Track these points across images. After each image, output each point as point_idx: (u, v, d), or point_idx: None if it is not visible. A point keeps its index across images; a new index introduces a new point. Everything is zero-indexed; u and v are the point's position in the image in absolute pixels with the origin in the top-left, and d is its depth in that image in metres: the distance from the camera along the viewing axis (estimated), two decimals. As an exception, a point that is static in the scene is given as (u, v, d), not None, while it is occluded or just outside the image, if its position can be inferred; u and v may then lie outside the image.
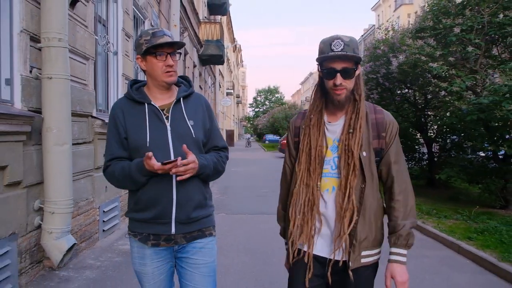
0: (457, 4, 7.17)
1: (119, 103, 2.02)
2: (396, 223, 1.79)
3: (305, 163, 1.85)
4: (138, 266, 2.00)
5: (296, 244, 1.83)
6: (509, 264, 4.32)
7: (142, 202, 1.93)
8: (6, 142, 3.30)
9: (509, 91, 5.85)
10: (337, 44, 1.72)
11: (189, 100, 2.03)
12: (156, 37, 1.88)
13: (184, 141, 1.90)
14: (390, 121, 1.86)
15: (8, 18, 3.48)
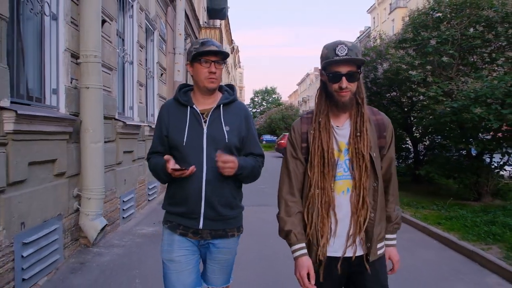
0: (434, 18, 8.02)
1: (167, 104, 2.24)
2: (391, 214, 1.97)
3: (318, 166, 1.89)
4: (165, 253, 2.14)
5: (317, 248, 1.88)
6: (467, 242, 5.17)
7: (175, 198, 2.12)
8: (55, 140, 4.11)
9: (476, 97, 6.69)
10: (341, 49, 1.79)
11: (230, 107, 2.17)
12: (204, 45, 2.05)
13: (217, 144, 2.06)
14: (388, 121, 2.00)
15: (55, 39, 4.29)
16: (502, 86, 6.55)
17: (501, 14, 7.35)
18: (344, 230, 1.88)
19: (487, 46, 7.59)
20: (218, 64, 2.07)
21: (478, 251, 4.81)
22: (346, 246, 1.87)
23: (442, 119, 7.33)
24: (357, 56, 1.80)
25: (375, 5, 55.10)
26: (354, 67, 1.81)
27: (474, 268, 4.57)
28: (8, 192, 3.26)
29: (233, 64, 60.54)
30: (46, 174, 3.93)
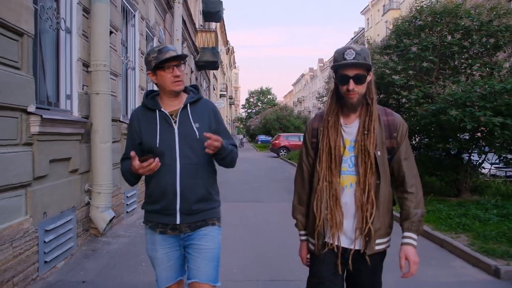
0: (416, 26, 8.58)
1: (136, 112, 2.32)
2: (409, 212, 1.99)
3: (326, 161, 2.00)
4: (150, 251, 2.26)
5: (324, 236, 2.01)
6: (439, 232, 5.73)
7: (152, 195, 2.20)
8: (70, 141, 4.62)
9: (453, 100, 7.25)
10: (349, 53, 1.90)
11: (197, 105, 2.25)
12: (162, 53, 2.11)
13: (188, 141, 2.15)
14: (401, 122, 2.05)
15: (69, 50, 4.81)
16: (477, 91, 7.12)
17: (476, 23, 7.92)
18: (349, 223, 1.99)
19: (464, 53, 8.17)
20: (180, 67, 2.16)
21: (448, 239, 5.37)
22: (353, 238, 1.98)
23: (423, 120, 7.90)
24: (365, 60, 1.91)
25: (369, 7, 55.65)
26: (361, 70, 1.92)
27: (443, 254, 5.13)
28: (33, 185, 3.78)
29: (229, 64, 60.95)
30: (63, 171, 4.45)
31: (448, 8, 8.20)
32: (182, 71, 2.18)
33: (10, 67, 3.38)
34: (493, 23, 7.81)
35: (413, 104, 8.24)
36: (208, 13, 22.28)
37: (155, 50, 2.15)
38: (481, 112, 6.98)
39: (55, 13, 4.54)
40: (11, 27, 3.36)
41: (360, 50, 1.91)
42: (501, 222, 6.04)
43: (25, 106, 3.59)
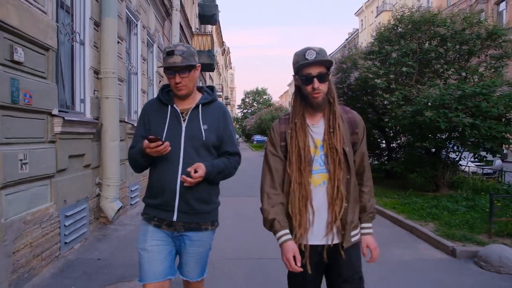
0: (397, 34, 9.29)
1: (150, 102, 2.35)
2: (366, 204, 2.11)
3: (296, 163, 2.02)
4: (140, 243, 2.25)
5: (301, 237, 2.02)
6: (411, 220, 6.43)
7: (153, 189, 2.23)
8: (84, 139, 5.28)
9: (428, 102, 7.95)
10: (310, 53, 1.93)
11: (209, 107, 2.27)
12: (167, 57, 2.13)
13: (195, 141, 2.17)
14: (360, 119, 2.14)
15: (83, 60, 5.47)
16: (450, 94, 7.82)
17: (451, 32, 8.63)
18: (321, 220, 2.01)
19: (440, 58, 8.88)
20: (183, 73, 2.14)
21: (417, 226, 6.06)
22: (325, 234, 2.01)
23: (402, 121, 8.60)
24: (327, 59, 1.97)
25: (363, 8, 56.39)
26: (323, 69, 1.98)
27: (411, 239, 5.83)
28: (56, 177, 4.43)
29: (224, 65, 61.57)
30: (78, 165, 5.11)
31: (425, 17, 8.91)
32: (186, 77, 2.16)
33: (40, 77, 4.04)
34: (465, 31, 8.53)
35: (394, 106, 8.94)
36: (204, 17, 22.89)
37: (165, 50, 2.17)
38: (454, 114, 7.68)
39: (71, 28, 5.20)
40: (40, 44, 4.02)
41: (319, 49, 1.97)
42: (467, 212, 6.75)
43: (50, 109, 4.25)
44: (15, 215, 3.59)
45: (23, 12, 3.66)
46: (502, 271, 4.37)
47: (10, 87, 3.46)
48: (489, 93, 7.59)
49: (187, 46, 2.19)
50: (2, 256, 3.37)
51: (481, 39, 8.50)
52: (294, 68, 2.02)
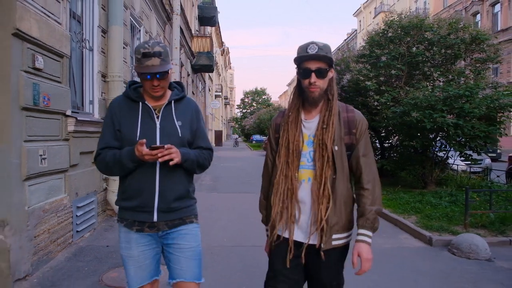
0: (386, 38, 9.77)
1: (117, 100, 2.23)
2: (364, 208, 1.98)
3: (284, 156, 2.01)
4: (124, 250, 2.17)
5: (276, 229, 2.01)
6: (395, 214, 6.91)
7: (128, 192, 2.13)
8: (92, 137, 5.74)
9: (415, 103, 8.43)
10: (312, 47, 1.92)
11: (180, 103, 2.23)
12: (144, 59, 1.99)
13: (170, 138, 2.10)
14: (360, 119, 2.05)
15: (92, 65, 5.94)
16: (435, 95, 8.30)
17: (437, 36, 9.11)
18: (305, 217, 1.99)
19: (427, 62, 9.36)
20: (162, 76, 2.05)
21: (400, 219, 6.55)
22: (307, 233, 1.98)
23: (390, 121, 9.08)
24: (327, 55, 1.94)
25: (361, 9, 56.91)
26: (323, 64, 1.95)
27: (394, 230, 6.31)
28: (69, 171, 4.91)
29: (224, 65, 61.98)
30: (88, 161, 5.58)
31: (413, 23, 9.39)
32: (164, 79, 2.09)
33: (56, 81, 4.51)
34: (450, 36, 9.01)
35: (384, 107, 9.42)
36: (203, 18, 23.39)
37: (140, 51, 2.02)
38: (438, 114, 8.16)
39: (81, 36, 5.68)
40: (56, 51, 4.49)
41: (323, 45, 1.96)
42: (448, 206, 7.23)
43: (65, 110, 4.72)
44: (36, 204, 4.07)
45: (42, 24, 4.13)
46: (471, 257, 4.86)
47: (32, 91, 3.93)
48: (471, 95, 8.07)
49: (162, 45, 2.08)
50: (25, 239, 3.85)
51: (465, 44, 8.99)
52: (295, 60, 2.01)
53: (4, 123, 3.61)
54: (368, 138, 2.08)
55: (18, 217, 3.73)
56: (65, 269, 4.25)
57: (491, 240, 5.39)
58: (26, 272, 3.85)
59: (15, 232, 3.68)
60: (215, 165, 17.57)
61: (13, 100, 3.66)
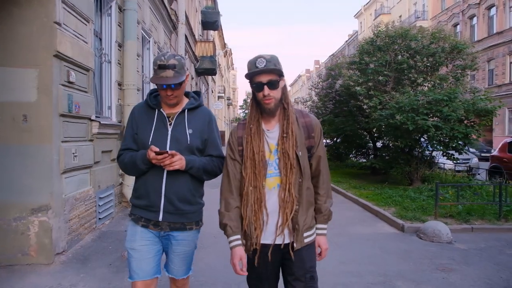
0: (375, 47, 10.62)
1: (137, 106, 2.42)
2: (321, 206, 2.17)
3: (251, 167, 2.08)
4: (129, 242, 2.34)
5: (253, 238, 2.08)
6: (377, 206, 7.76)
7: (139, 191, 2.33)
8: (111, 138, 6.63)
9: (399, 107, 9.27)
10: (260, 61, 2.01)
11: (195, 112, 2.35)
12: (160, 70, 2.16)
13: (179, 145, 2.25)
14: (316, 122, 2.18)
15: (110, 75, 6.83)
16: (418, 100, 9.14)
17: (420, 45, 9.95)
18: (273, 221, 2.09)
19: (411, 69, 10.21)
20: (175, 87, 2.21)
21: (381, 210, 7.40)
22: (276, 235, 2.08)
23: (378, 123, 9.94)
24: (275, 66, 2.01)
25: (362, 11, 57.57)
26: (273, 76, 2.03)
27: (374, 220, 7.17)
28: (93, 167, 5.79)
29: (226, 66, 62.77)
30: (107, 159, 6.47)
31: (399, 33, 10.24)
32: (178, 89, 2.24)
33: (83, 91, 5.39)
34: (432, 45, 9.85)
35: (372, 110, 10.27)
36: (206, 23, 24.23)
37: (156, 63, 2.19)
38: (420, 117, 9.00)
39: (101, 51, 6.57)
40: (84, 66, 5.37)
41: (270, 57, 2.04)
42: (426, 199, 8.08)
43: (90, 115, 5.61)
44: (70, 193, 4.96)
45: (74, 45, 5.01)
46: (434, 240, 5.71)
47: (68, 100, 4.82)
48: (449, 99, 8.91)
49: (178, 58, 2.24)
50: (62, 221, 4.74)
51: (445, 52, 9.83)
52: (246, 76, 2.08)
53: (48, 127, 4.49)
54: (323, 140, 2.25)
55: (57, 203, 4.62)
56: (92, 247, 5.14)
57: (456, 227, 6.26)
58: (63, 248, 4.74)
59: (56, 215, 4.57)
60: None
61: (54, 109, 4.54)
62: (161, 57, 2.19)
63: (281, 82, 2.10)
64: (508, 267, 4.66)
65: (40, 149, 4.49)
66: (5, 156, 4.42)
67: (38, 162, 4.48)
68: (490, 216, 6.78)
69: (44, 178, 4.50)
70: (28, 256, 4.47)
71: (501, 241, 5.77)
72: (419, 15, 39.97)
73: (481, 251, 5.28)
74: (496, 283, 4.17)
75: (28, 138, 4.46)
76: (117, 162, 2.50)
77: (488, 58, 29.79)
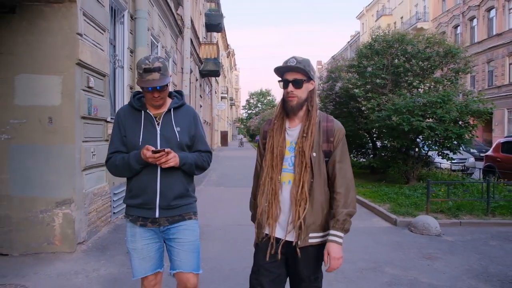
0: (372, 51, 11.07)
1: (122, 109, 2.47)
2: (336, 210, 2.14)
3: (270, 160, 2.22)
4: (130, 243, 2.42)
5: (263, 227, 2.21)
6: (373, 203, 8.21)
7: (133, 191, 2.39)
8: (123, 138, 7.11)
9: (396, 109, 9.71)
10: (291, 61, 2.15)
11: (180, 110, 2.44)
12: (145, 74, 2.22)
13: (170, 143, 2.34)
14: (338, 128, 2.24)
15: (122, 79, 7.31)
16: (413, 102, 9.59)
17: (416, 50, 10.40)
18: (285, 216, 2.18)
19: (408, 72, 10.65)
20: (161, 89, 2.27)
21: (376, 206, 7.86)
22: (287, 231, 2.15)
23: (375, 124, 10.39)
24: (304, 68, 2.12)
25: (364, 12, 57.92)
26: (300, 75, 2.14)
27: (369, 215, 7.63)
28: (109, 165, 6.27)
29: (229, 67, 63.19)
30: (120, 158, 6.94)
31: (395, 38, 10.69)
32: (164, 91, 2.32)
33: (100, 95, 5.87)
34: (427, 50, 10.30)
35: (370, 112, 10.72)
36: (210, 25, 24.78)
37: (142, 67, 2.23)
38: (415, 118, 9.44)
39: (115, 57, 7.05)
40: (101, 72, 5.84)
41: (302, 60, 2.16)
42: (419, 196, 8.53)
43: (106, 117, 6.08)
44: (89, 188, 5.44)
45: (93, 53, 5.49)
46: (424, 233, 6.17)
47: (87, 104, 5.30)
48: (443, 101, 9.36)
49: (162, 60, 2.31)
50: (83, 214, 5.22)
51: (440, 57, 10.27)
52: (275, 71, 2.22)
53: (71, 128, 4.97)
54: (345, 146, 2.25)
55: (79, 197, 5.10)
56: (109, 238, 5.62)
57: (445, 222, 6.72)
58: (83, 238, 5.22)
59: (77, 208, 5.05)
60: (222, 163, 18.94)
61: (76, 112, 5.02)
62: (145, 61, 2.25)
63: (309, 84, 2.21)
64: (489, 256, 5.11)
65: (64, 148, 4.96)
66: (32, 155, 4.90)
67: (62, 160, 4.96)
68: (478, 211, 7.23)
69: (67, 175, 4.98)
70: (53, 245, 4.95)
71: (486, 234, 6.22)
72: (420, 16, 40.34)
73: (466, 243, 5.73)
74: (475, 269, 4.63)
75: (53, 138, 4.93)
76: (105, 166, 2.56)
77: (488, 59, 30.19)
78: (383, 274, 4.45)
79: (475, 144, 22.40)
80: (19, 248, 4.89)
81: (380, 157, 12.21)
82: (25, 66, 4.88)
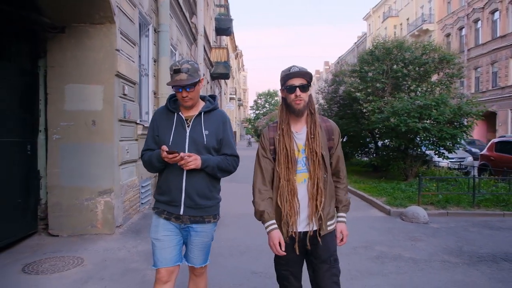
0: (373, 57, 11.91)
1: (159, 110, 2.67)
2: (342, 198, 2.53)
3: (284, 163, 2.37)
4: (153, 233, 2.58)
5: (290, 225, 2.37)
6: (371, 196, 9.07)
7: (162, 188, 2.58)
8: (148, 138, 8.04)
9: (394, 111, 10.55)
10: (294, 68, 2.35)
11: (211, 114, 2.58)
12: (174, 74, 2.41)
13: (197, 145, 2.49)
14: (335, 127, 2.54)
15: (147, 86, 8.26)
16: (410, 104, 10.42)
17: (413, 56, 11.24)
18: (304, 211, 2.39)
19: (406, 77, 11.49)
20: (189, 88, 2.40)
21: (374, 199, 8.72)
22: (307, 223, 2.38)
23: (375, 125, 11.24)
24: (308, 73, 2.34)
25: (370, 13, 58.40)
26: (304, 80, 2.35)
27: (367, 207, 8.49)
28: (138, 161, 7.20)
29: (237, 68, 63.97)
30: (146, 155, 7.88)
31: (394, 45, 11.53)
32: (192, 91, 2.43)
33: (132, 101, 6.81)
34: (423, 56, 11.13)
35: (371, 114, 11.58)
36: (220, 29, 25.68)
37: (172, 68, 2.42)
38: (411, 120, 10.28)
39: (141, 66, 8.00)
40: (132, 81, 6.78)
41: (302, 68, 2.35)
42: (413, 191, 9.36)
43: (136, 120, 7.02)
44: (124, 180, 6.38)
45: (127, 65, 6.43)
46: (413, 221, 7.03)
47: (123, 109, 6.23)
48: (437, 104, 10.19)
49: (191, 63, 2.47)
50: (120, 202, 6.16)
51: (435, 63, 11.10)
52: (281, 80, 2.37)
53: (110, 130, 5.91)
54: (341, 142, 2.58)
55: (117, 188, 6.04)
56: (140, 224, 6.56)
57: (434, 212, 7.57)
58: (120, 223, 6.17)
59: (116, 197, 5.99)
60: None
61: (114, 115, 5.96)
62: (176, 63, 2.45)
63: (310, 88, 2.44)
64: (466, 239, 5.96)
65: (105, 146, 5.90)
66: (79, 152, 5.85)
67: (103, 156, 5.90)
68: (465, 204, 8.07)
69: (108, 169, 5.92)
70: (96, 228, 5.89)
71: (469, 222, 7.06)
72: (426, 18, 40.91)
73: (449, 229, 6.59)
74: (451, 248, 5.49)
75: (96, 138, 5.88)
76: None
77: (492, 60, 30.79)
78: (373, 250, 5.33)
79: (478, 144, 23.13)
80: (67, 230, 5.83)
81: (381, 156, 13.04)
82: (73, 77, 5.82)
